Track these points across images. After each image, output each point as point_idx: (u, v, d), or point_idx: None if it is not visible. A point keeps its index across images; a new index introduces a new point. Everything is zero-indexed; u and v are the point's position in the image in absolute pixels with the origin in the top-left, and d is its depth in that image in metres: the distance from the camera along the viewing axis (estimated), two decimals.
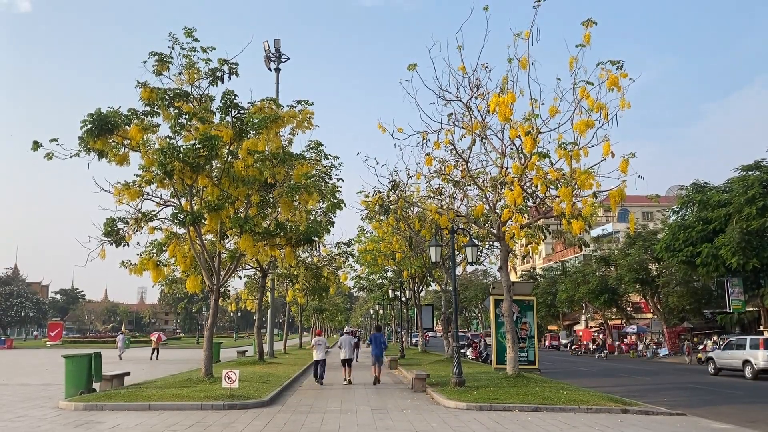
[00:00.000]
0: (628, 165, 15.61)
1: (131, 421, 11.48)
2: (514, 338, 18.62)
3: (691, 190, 39.71)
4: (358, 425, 11.41)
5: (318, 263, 33.27)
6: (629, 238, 49.19)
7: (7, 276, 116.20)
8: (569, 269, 61.75)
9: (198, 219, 16.56)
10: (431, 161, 19.97)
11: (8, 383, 20.05)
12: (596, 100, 16.24)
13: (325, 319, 73.95)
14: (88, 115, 16.17)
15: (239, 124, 17.21)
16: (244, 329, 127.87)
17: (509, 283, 19.02)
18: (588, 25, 16.25)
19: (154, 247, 19.34)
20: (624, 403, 14.33)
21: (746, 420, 13.07)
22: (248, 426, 11.20)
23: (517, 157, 18.40)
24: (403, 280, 37.59)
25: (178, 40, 17.46)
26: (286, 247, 18.97)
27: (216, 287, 18.50)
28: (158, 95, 17.05)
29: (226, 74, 17.99)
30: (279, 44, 32.83)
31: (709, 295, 44.88)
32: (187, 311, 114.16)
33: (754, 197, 32.23)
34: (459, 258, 24.72)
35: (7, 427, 11.05)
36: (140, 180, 17.82)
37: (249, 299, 37.35)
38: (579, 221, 16.37)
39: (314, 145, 21.96)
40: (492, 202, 19.48)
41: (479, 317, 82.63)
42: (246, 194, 17.96)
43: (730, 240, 33.08)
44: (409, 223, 25.41)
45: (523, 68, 17.06)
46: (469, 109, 18.54)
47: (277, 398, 15.49)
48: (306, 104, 19.44)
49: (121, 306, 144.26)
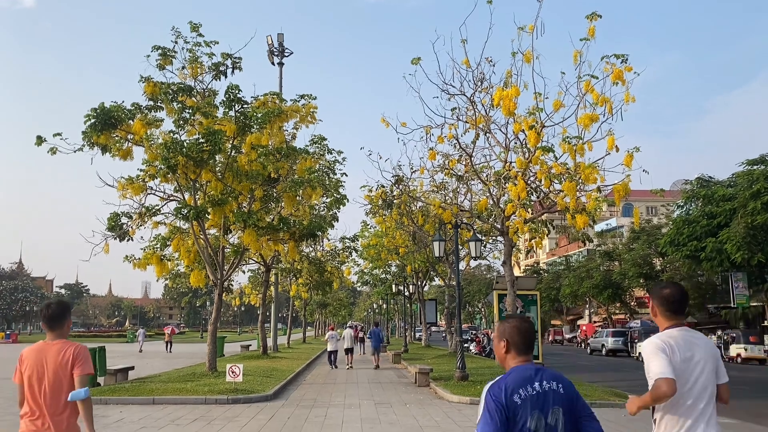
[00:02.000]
0: (633, 159, 15.53)
1: (135, 415, 11.52)
2: None
3: (695, 185, 39.58)
4: (362, 419, 11.42)
5: (321, 258, 33.30)
6: (633, 232, 49.11)
7: (11, 271, 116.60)
8: (573, 264, 61.71)
9: (202, 214, 16.57)
10: (435, 156, 19.91)
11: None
12: (601, 94, 16.14)
13: (329, 313, 74.12)
14: (92, 109, 16.16)
15: (243, 118, 17.18)
16: (248, 324, 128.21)
17: (513, 278, 18.99)
18: (593, 19, 16.15)
19: (158, 242, 19.38)
20: (628, 398, 14.30)
21: (752, 415, 13.03)
22: (252, 420, 11.23)
23: (521, 152, 18.33)
24: (407, 274, 37.59)
25: (181, 34, 17.45)
26: (290, 242, 18.98)
27: (220, 282, 18.53)
28: (162, 90, 17.03)
29: (230, 69, 17.96)
30: (282, 38, 32.76)
31: (714, 290, 44.79)
32: (191, 306, 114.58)
33: (759, 192, 32.08)
34: (462, 253, 24.69)
35: (13, 421, 11.09)
36: (144, 175, 17.83)
37: (253, 294, 37.45)
38: (583, 216, 16.31)
39: (317, 140, 21.94)
40: (496, 197, 19.43)
41: (483, 312, 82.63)
42: (249, 189, 17.94)
43: (734, 234, 32.96)
44: (412, 218, 25.38)
45: (528, 62, 16.96)
46: (472, 103, 18.47)
47: (281, 392, 15.52)
48: (309, 98, 19.42)
49: (126, 301, 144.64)
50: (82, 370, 4.04)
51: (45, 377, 4.02)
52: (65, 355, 4.05)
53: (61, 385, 4.02)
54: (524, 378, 2.82)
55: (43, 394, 4.01)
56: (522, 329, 2.98)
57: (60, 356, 4.05)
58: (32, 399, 4.05)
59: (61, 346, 4.09)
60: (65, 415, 4.03)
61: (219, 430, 10.19)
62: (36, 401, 4.03)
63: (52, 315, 4.16)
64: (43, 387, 4.01)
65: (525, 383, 2.81)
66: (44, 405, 4.01)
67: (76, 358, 4.05)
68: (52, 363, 4.03)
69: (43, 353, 4.08)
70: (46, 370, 4.03)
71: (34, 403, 4.04)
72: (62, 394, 4.01)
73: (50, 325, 4.16)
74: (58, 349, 4.08)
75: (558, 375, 2.95)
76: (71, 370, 4.03)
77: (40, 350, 4.10)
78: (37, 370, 4.04)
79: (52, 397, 4.01)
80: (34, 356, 4.09)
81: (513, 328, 3.00)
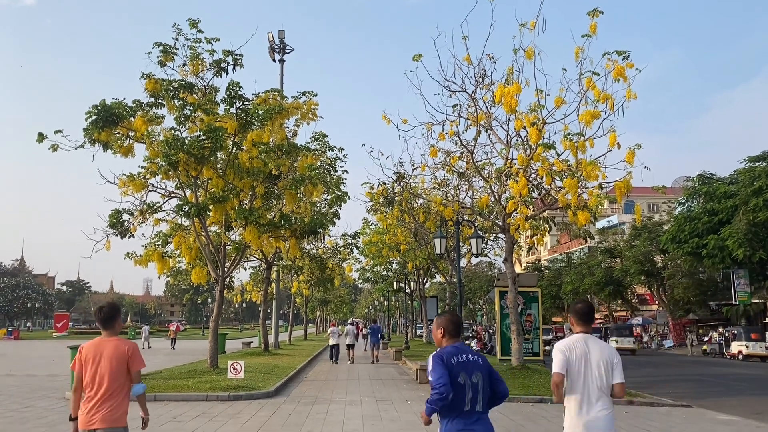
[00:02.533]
0: (634, 156, 15.53)
1: (137, 411, 11.53)
2: (518, 330, 18.62)
3: (697, 182, 39.51)
4: (363, 416, 11.44)
5: (323, 255, 33.31)
6: (635, 229, 49.05)
7: (13, 268, 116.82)
8: (574, 261, 61.63)
9: (203, 210, 16.57)
10: (436, 153, 19.89)
11: (15, 374, 20.18)
12: (602, 91, 16.13)
13: (330, 310, 74.16)
14: (93, 106, 16.15)
15: (244, 115, 17.16)
16: (250, 321, 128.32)
17: (514, 275, 19.00)
18: (594, 15, 16.13)
19: (159, 239, 19.39)
20: (629, 395, 14.30)
21: (752, 412, 13.03)
22: (253, 416, 11.24)
23: (523, 149, 18.32)
24: (408, 271, 37.60)
25: (182, 31, 17.42)
26: (291, 239, 18.97)
27: (221, 279, 18.54)
28: (163, 86, 17.01)
29: (231, 65, 17.93)
30: (283, 35, 32.68)
31: (715, 287, 44.75)
32: (193, 303, 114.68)
33: (761, 188, 32.02)
34: (464, 250, 24.70)
35: (15, 417, 11.12)
36: (145, 172, 17.83)
37: (254, 291, 37.48)
38: (584, 213, 16.30)
39: (319, 137, 21.92)
40: (497, 194, 19.42)
41: (484, 309, 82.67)
42: (251, 186, 17.94)
43: (736, 231, 32.91)
44: (413, 215, 25.38)
45: (529, 59, 16.95)
46: (474, 99, 18.44)
47: (283, 389, 15.54)
48: (311, 95, 19.37)
49: (127, 297, 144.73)
50: (137, 366, 4.92)
51: (100, 367, 4.81)
52: (120, 351, 4.85)
53: (114, 374, 4.82)
54: (456, 351, 4.23)
55: (98, 381, 4.80)
56: (453, 321, 4.41)
57: (116, 351, 4.85)
58: (90, 384, 4.83)
59: (116, 342, 4.90)
60: (114, 397, 4.83)
61: (220, 427, 10.21)
62: (92, 386, 4.81)
63: (105, 317, 4.95)
64: (98, 375, 4.80)
65: (456, 354, 4.21)
66: (99, 389, 4.79)
67: (131, 356, 4.89)
68: (107, 356, 4.83)
69: (100, 348, 4.87)
70: (102, 361, 4.82)
71: (90, 387, 4.82)
72: (114, 382, 4.81)
73: (104, 325, 4.96)
74: (115, 345, 4.87)
75: (478, 353, 4.40)
76: (126, 364, 4.86)
77: (98, 345, 4.90)
78: (93, 361, 4.83)
79: (104, 384, 4.79)
80: (93, 350, 4.88)
81: (447, 320, 4.40)
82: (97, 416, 4.77)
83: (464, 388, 4.13)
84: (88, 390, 4.83)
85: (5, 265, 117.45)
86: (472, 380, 4.14)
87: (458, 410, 4.14)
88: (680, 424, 11.08)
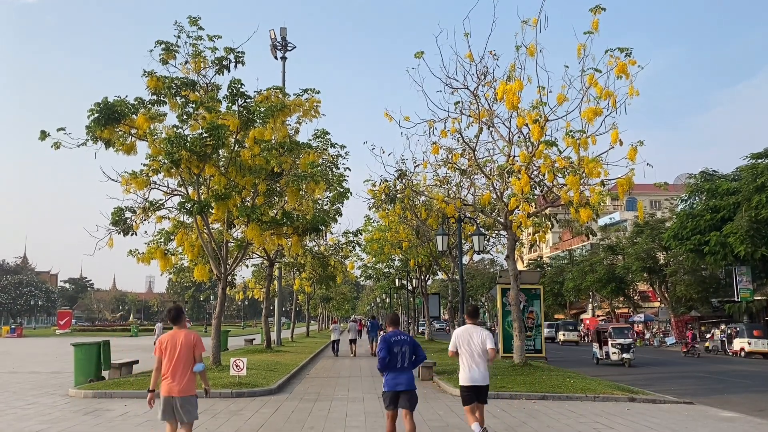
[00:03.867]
0: (637, 153, 15.51)
1: (140, 408, 11.56)
2: (520, 327, 18.62)
3: (699, 179, 39.46)
4: (366, 413, 11.46)
5: (325, 252, 33.32)
6: (637, 226, 48.98)
7: (16, 265, 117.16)
8: (576, 258, 61.61)
9: (205, 208, 16.58)
10: (438, 150, 19.87)
11: (19, 371, 20.24)
12: (604, 88, 16.11)
13: (332, 307, 74.23)
14: (95, 104, 16.17)
15: (246, 113, 17.16)
16: (252, 318, 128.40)
17: (516, 272, 18.99)
18: (596, 12, 16.09)
19: (161, 236, 19.41)
20: (631, 392, 14.32)
21: (754, 409, 13.03)
22: (256, 413, 11.27)
23: (525, 146, 18.30)
24: (410, 269, 37.62)
25: (184, 28, 17.40)
26: (293, 236, 18.99)
27: (223, 276, 18.57)
28: (165, 84, 17.02)
29: (233, 63, 17.91)
30: (285, 33, 32.63)
31: (717, 284, 44.68)
32: (195, 300, 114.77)
33: (763, 185, 31.98)
34: (466, 247, 24.70)
35: (18, 414, 11.15)
36: (147, 169, 17.82)
37: (256, 288, 37.48)
38: (587, 210, 16.29)
39: (321, 134, 21.89)
40: (499, 191, 19.40)
41: (486, 306, 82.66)
42: (253, 183, 17.95)
43: (738, 228, 32.87)
44: (415, 212, 25.36)
45: (531, 55, 16.92)
46: (476, 97, 18.42)
47: (285, 386, 15.57)
48: (312, 93, 19.35)
49: (130, 295, 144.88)
50: (200, 350, 6.78)
51: (176, 353, 6.61)
52: (189, 340, 6.70)
53: (187, 358, 6.64)
54: (394, 334, 7.61)
55: (175, 363, 6.59)
56: (393, 318, 7.96)
57: (186, 340, 6.68)
58: (168, 366, 6.59)
59: (186, 333, 6.75)
60: (187, 376, 6.63)
61: (223, 424, 10.23)
62: (170, 367, 6.59)
63: (174, 316, 6.82)
64: (174, 358, 6.60)
65: (395, 336, 7.59)
66: (175, 369, 6.58)
67: (196, 344, 6.74)
68: (181, 344, 6.65)
69: (176, 337, 6.70)
70: (178, 347, 6.63)
71: (169, 368, 6.59)
72: (187, 363, 6.63)
73: (174, 321, 6.82)
74: (185, 335, 6.72)
75: (407, 334, 7.80)
76: (194, 349, 6.70)
77: (174, 335, 6.72)
78: (171, 347, 6.65)
79: (180, 365, 6.60)
80: (170, 339, 6.69)
81: (390, 318, 7.97)
82: (175, 388, 6.53)
83: (397, 355, 7.49)
84: (168, 368, 6.57)
85: (8, 263, 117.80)
86: (402, 350, 7.52)
87: (393, 367, 7.52)
88: (682, 421, 11.08)
